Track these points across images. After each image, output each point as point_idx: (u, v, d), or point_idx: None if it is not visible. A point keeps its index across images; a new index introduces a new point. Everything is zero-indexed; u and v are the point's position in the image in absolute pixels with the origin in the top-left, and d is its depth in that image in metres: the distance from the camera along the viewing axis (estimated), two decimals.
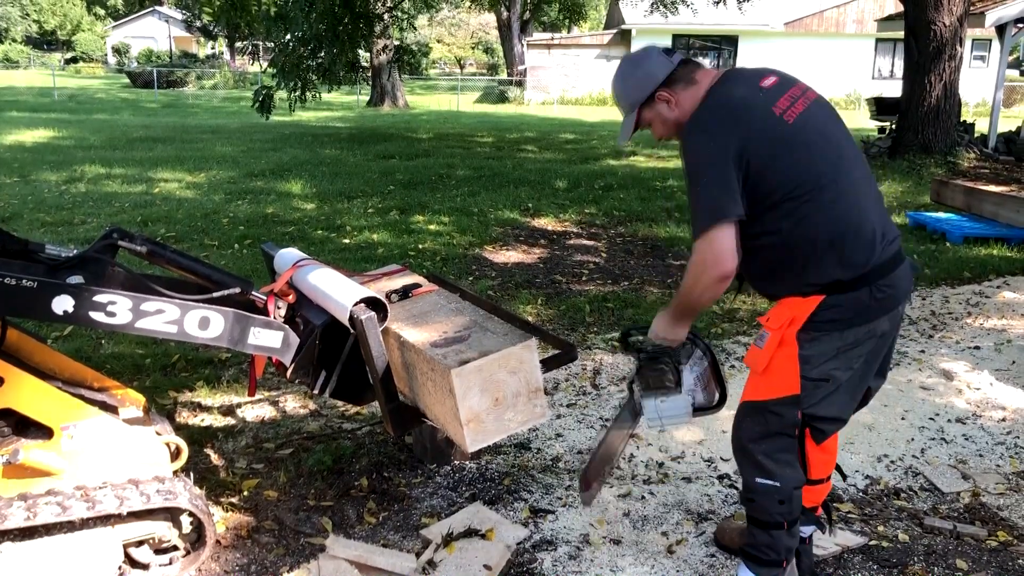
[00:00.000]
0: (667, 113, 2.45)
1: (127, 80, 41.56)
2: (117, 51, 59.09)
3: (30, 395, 2.48)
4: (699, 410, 2.54)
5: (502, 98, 35.30)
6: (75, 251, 2.62)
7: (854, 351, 2.35)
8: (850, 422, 3.94)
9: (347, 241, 7.76)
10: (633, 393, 2.62)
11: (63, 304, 2.39)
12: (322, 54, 15.54)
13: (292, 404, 4.14)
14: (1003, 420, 4.08)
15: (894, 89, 17.95)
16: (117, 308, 2.45)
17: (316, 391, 2.95)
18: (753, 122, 2.30)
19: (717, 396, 2.54)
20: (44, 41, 66.86)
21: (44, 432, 2.51)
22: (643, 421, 2.63)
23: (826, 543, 2.89)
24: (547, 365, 2.87)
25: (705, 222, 2.22)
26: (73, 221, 8.32)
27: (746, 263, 2.37)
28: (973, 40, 29.44)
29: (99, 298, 2.43)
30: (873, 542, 2.95)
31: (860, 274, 2.30)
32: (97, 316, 2.43)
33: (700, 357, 2.55)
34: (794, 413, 2.38)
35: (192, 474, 2.85)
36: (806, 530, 2.70)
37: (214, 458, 3.54)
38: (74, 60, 59.74)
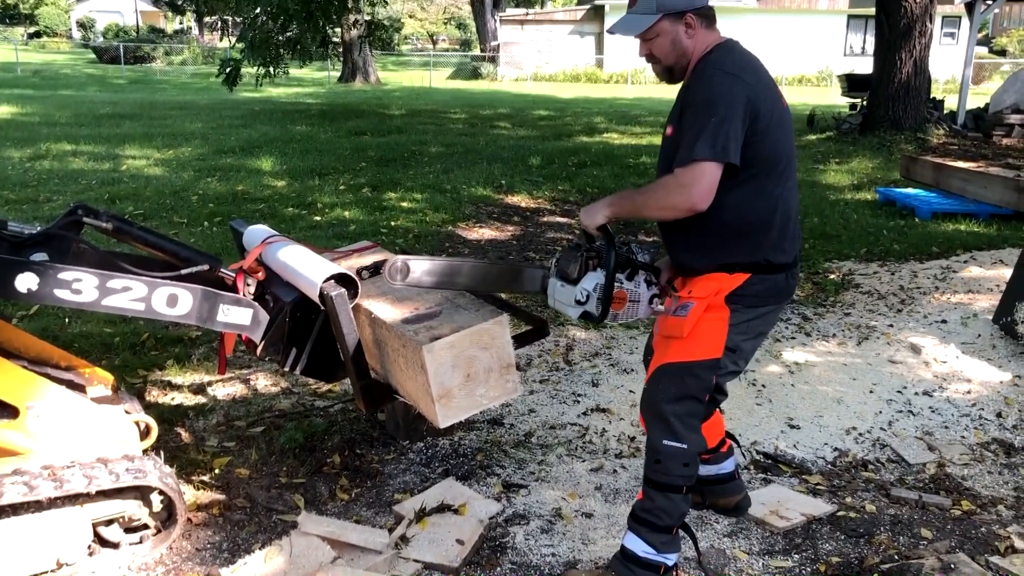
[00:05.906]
0: (682, 37, 2.43)
1: (93, 55, 40.76)
2: (82, 25, 57.80)
3: None
4: (586, 315, 2.52)
5: (475, 74, 35.09)
6: (39, 228, 2.58)
7: (759, 325, 2.49)
8: (819, 396, 4.04)
9: (319, 218, 7.70)
10: (551, 267, 2.64)
11: (27, 282, 2.35)
12: (292, 28, 15.31)
13: (263, 382, 4.12)
14: (968, 393, 4.15)
15: (866, 66, 18.07)
16: (83, 285, 2.42)
17: (287, 368, 2.94)
18: (769, 87, 2.38)
19: (600, 313, 2.50)
20: (5, 15, 65.19)
21: (9, 412, 2.47)
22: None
23: (792, 513, 2.94)
24: (519, 341, 2.88)
25: (705, 153, 2.23)
26: (38, 199, 8.17)
27: (685, 227, 2.38)
28: (943, 17, 29.66)
29: (64, 275, 2.39)
30: (841, 512, 3.00)
31: (786, 261, 2.45)
32: (62, 294, 2.40)
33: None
34: (711, 377, 2.46)
35: (162, 452, 2.82)
36: (728, 464, 2.88)
37: (185, 436, 3.51)
38: (37, 35, 58.40)
